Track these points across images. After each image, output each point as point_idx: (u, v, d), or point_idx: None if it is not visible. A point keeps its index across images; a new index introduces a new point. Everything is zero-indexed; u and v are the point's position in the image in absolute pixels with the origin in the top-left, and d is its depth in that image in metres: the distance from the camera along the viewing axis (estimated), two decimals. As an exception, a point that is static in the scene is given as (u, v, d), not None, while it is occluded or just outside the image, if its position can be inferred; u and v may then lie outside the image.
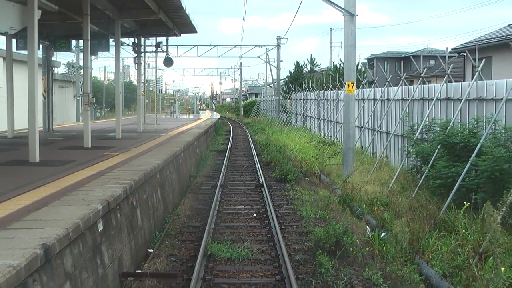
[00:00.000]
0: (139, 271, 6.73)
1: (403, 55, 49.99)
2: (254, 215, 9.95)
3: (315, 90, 28.68)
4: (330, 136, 19.51)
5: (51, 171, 8.31)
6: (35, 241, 4.10)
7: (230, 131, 33.06)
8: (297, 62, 46.03)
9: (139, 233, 7.53)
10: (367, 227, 8.94)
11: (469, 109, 11.16)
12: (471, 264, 6.54)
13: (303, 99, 32.88)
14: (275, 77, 45.67)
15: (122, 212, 6.72)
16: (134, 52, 19.54)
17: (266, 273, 6.64)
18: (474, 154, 9.03)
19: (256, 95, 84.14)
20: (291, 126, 33.95)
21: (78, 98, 35.06)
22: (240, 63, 70.20)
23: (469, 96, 11.06)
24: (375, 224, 9.03)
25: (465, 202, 7.95)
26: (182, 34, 21.51)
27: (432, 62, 42.66)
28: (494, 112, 9.76)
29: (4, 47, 19.84)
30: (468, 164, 9.03)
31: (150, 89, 42.59)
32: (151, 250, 7.68)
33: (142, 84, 20.39)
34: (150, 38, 21.58)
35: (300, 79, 39.98)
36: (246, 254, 7.25)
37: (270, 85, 58.64)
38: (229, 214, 9.99)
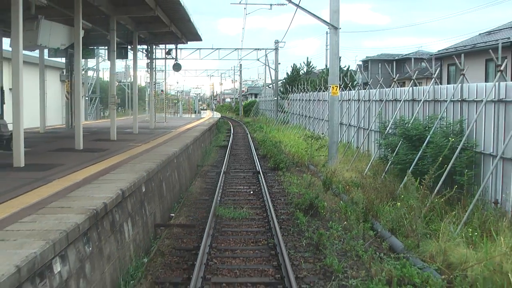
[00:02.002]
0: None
1: (396, 57, 52.56)
2: (251, 192, 12.52)
3: (310, 91, 31.06)
4: (323, 134, 21.96)
5: (96, 155, 10.85)
6: (114, 187, 6.64)
7: (230, 130, 35.47)
8: (294, 64, 48.50)
9: (164, 200, 10.06)
10: (341, 201, 11.46)
11: (428, 108, 13.65)
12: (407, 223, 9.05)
13: (299, 99, 35.09)
14: (273, 78, 48.06)
15: (155, 182, 9.25)
16: (147, 58, 22.08)
17: (259, 226, 9.21)
18: (424, 144, 11.55)
19: (256, 95, 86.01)
20: (288, 124, 36.14)
21: (86, 98, 37.46)
22: (240, 65, 72.61)
23: (428, 98, 13.57)
24: (346, 199, 11.55)
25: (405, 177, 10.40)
26: (188, 42, 24.06)
27: (424, 64, 45.17)
28: (443, 111, 12.28)
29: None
30: (420, 152, 11.53)
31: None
32: (173, 214, 10.21)
33: (153, 86, 22.88)
34: (160, 45, 24.13)
35: (296, 80, 42.19)
36: (245, 215, 9.82)
37: (269, 86, 60.74)
38: (232, 192, 12.55)
